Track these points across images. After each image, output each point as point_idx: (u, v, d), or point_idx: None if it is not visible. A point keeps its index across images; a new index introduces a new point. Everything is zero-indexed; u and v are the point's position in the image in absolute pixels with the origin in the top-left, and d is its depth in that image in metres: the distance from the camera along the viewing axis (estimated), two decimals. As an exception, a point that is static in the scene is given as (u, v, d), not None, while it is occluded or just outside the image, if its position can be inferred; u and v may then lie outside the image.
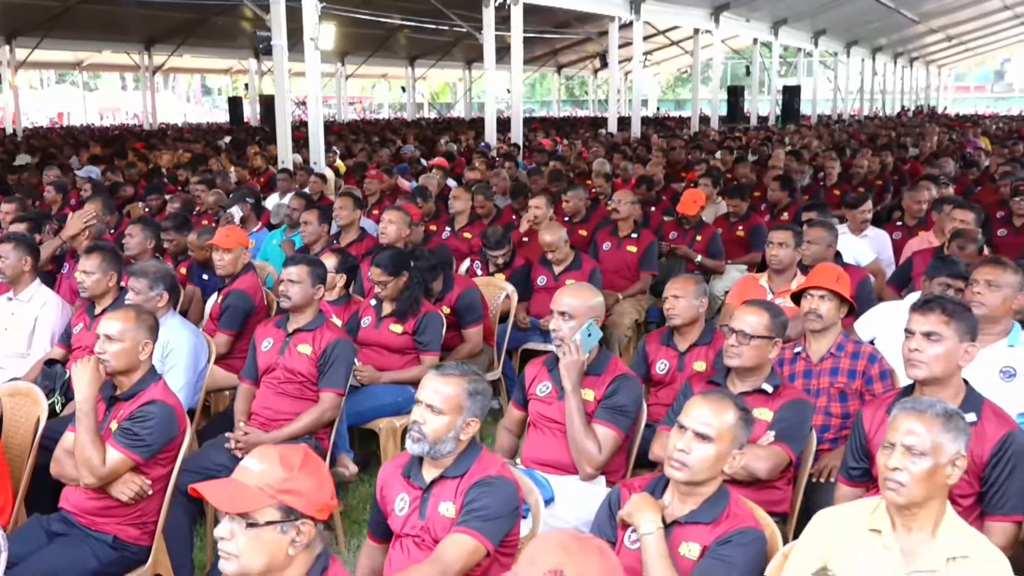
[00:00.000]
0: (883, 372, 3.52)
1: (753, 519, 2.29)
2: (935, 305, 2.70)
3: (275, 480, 1.83)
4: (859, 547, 2.11)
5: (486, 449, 2.55)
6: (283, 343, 3.77)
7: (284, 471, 1.84)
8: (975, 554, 2.03)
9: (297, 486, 1.84)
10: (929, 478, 2.04)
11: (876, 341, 4.07)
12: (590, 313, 3.22)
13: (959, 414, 2.14)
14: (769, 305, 3.15)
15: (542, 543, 1.68)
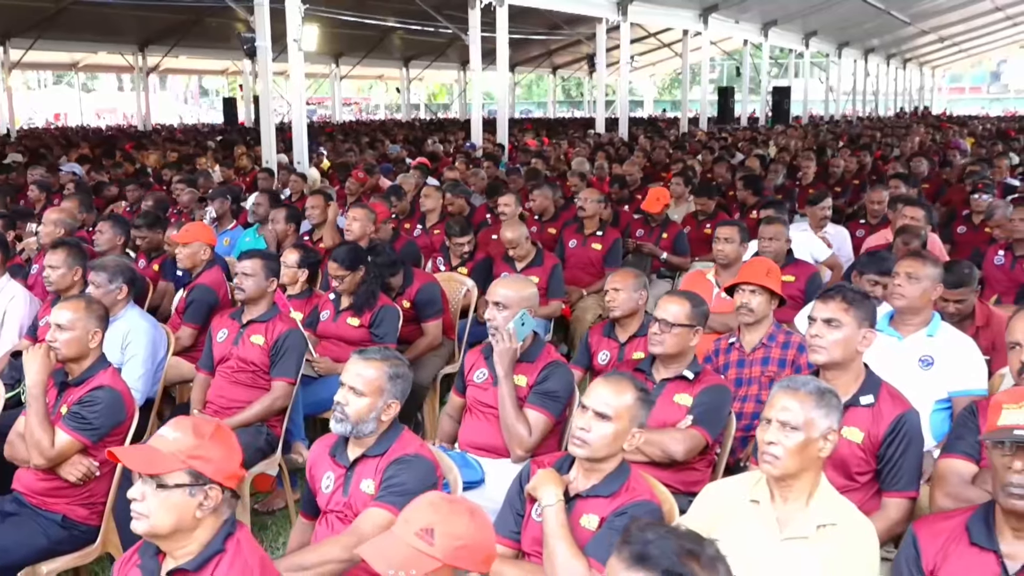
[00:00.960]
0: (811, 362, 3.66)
1: (651, 493, 2.44)
2: (835, 293, 2.85)
3: (186, 446, 1.97)
4: (740, 517, 2.26)
5: (407, 430, 2.70)
6: (237, 334, 3.92)
7: (195, 439, 1.99)
8: (843, 521, 2.18)
9: (206, 453, 1.98)
10: (802, 451, 2.19)
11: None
12: (523, 303, 3.37)
13: (831, 392, 2.29)
14: (691, 295, 3.30)
15: (416, 504, 1.83)
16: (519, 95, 53.20)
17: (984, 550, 2.04)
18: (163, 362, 4.13)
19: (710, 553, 1.47)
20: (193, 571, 1.96)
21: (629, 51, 18.20)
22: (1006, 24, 33.38)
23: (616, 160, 11.08)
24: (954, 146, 15.25)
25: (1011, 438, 1.99)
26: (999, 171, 10.02)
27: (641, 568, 1.43)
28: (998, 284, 5.35)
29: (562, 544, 2.31)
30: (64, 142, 18.05)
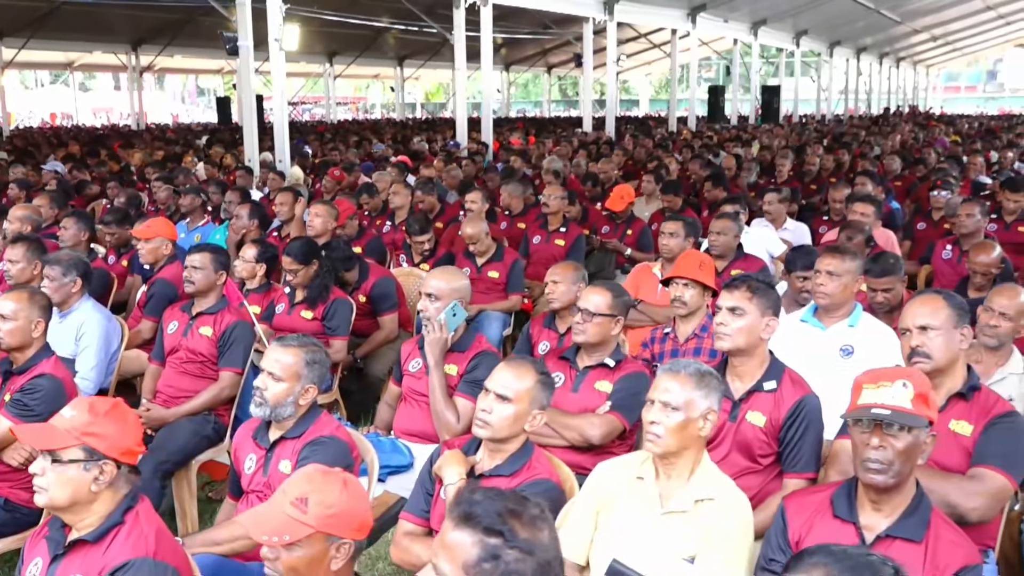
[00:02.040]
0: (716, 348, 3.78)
1: (551, 473, 2.56)
2: (740, 283, 2.97)
3: (80, 424, 2.09)
4: (626, 493, 2.38)
5: (326, 413, 2.82)
6: (187, 325, 4.03)
7: (90, 416, 2.11)
8: (719, 496, 2.30)
9: (100, 430, 2.10)
10: (682, 430, 2.31)
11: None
12: (455, 295, 3.49)
13: (712, 374, 2.41)
14: (613, 286, 3.42)
15: (294, 477, 1.95)
16: (516, 94, 53.47)
17: (845, 522, 2.16)
18: (117, 353, 4.25)
19: (533, 513, 1.58)
20: (93, 542, 2.08)
21: (616, 50, 18.29)
22: (999, 23, 33.43)
23: (598, 158, 11.19)
24: (940, 144, 15.38)
25: (868, 416, 2.11)
26: (972, 168, 10.14)
27: (465, 526, 1.54)
28: (945, 278, 5.46)
29: None
30: (55, 141, 18.17)
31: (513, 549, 1.51)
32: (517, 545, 1.51)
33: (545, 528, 1.57)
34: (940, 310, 2.73)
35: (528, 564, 1.51)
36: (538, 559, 1.52)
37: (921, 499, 2.16)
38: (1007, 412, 2.63)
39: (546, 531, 1.57)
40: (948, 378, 2.72)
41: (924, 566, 2.05)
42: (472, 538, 1.52)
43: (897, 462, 2.10)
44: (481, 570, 1.50)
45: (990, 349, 3.50)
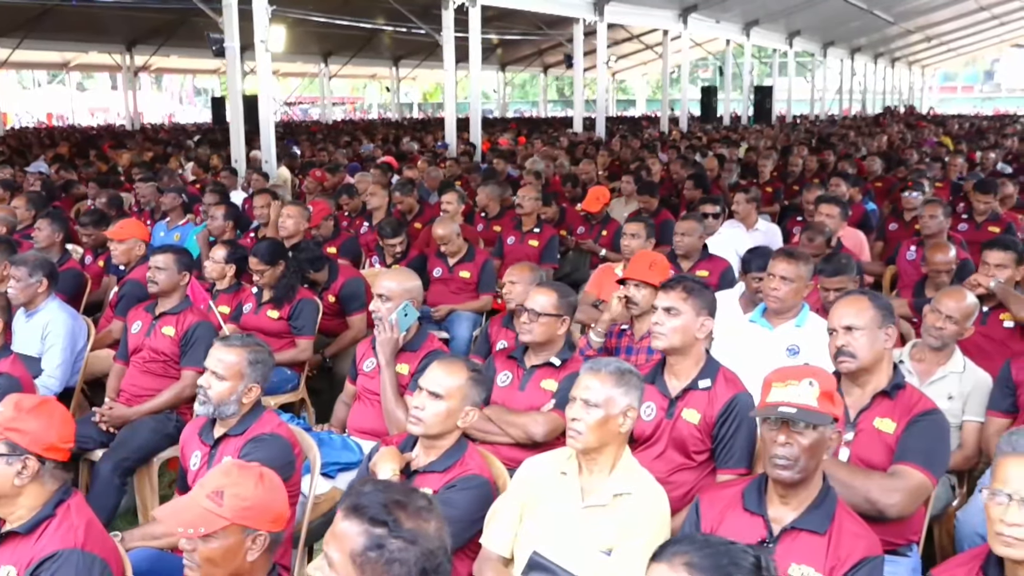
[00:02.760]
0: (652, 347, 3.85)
1: (482, 469, 2.63)
2: (676, 283, 3.04)
3: (3, 419, 2.16)
4: (550, 487, 2.45)
5: (269, 411, 2.90)
6: (150, 325, 4.11)
7: (14, 412, 2.18)
8: (637, 490, 2.38)
9: (22, 426, 2.17)
10: (602, 426, 2.38)
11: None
12: (406, 295, 3.56)
13: (632, 372, 2.48)
14: (559, 286, 3.49)
15: (211, 472, 2.02)
16: (514, 94, 53.53)
17: (754, 515, 2.24)
18: (83, 352, 4.32)
19: (419, 504, 1.65)
20: (24, 534, 2.15)
21: (606, 52, 18.35)
22: (993, 23, 33.47)
23: (581, 160, 11.26)
24: (929, 145, 15.45)
25: (775, 415, 2.19)
26: (953, 169, 10.21)
27: (353, 516, 1.61)
28: (908, 277, 5.54)
29: None
30: (47, 142, 18.25)
31: (397, 539, 1.58)
32: (401, 535, 1.58)
33: (432, 519, 1.64)
34: (865, 311, 2.80)
35: (411, 553, 1.58)
36: (422, 548, 1.59)
37: (827, 493, 2.23)
38: (929, 410, 2.70)
39: (432, 522, 1.64)
40: (873, 376, 2.80)
41: (827, 556, 2.13)
42: (358, 528, 1.59)
43: (803, 458, 2.18)
44: (367, 558, 1.57)
45: (933, 349, 3.58)
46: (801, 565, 2.13)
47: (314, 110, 40.48)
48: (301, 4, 18.31)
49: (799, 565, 2.13)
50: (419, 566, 1.58)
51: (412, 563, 1.57)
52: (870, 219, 7.74)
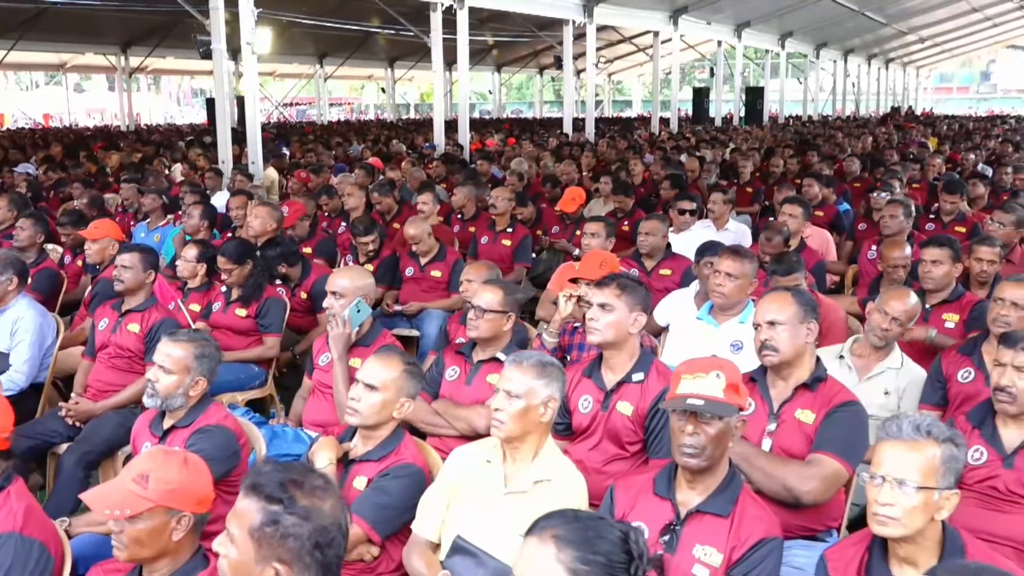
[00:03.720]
0: (642, 347, 3.96)
1: (416, 458, 2.74)
2: (610, 281, 3.15)
3: None
4: (476, 475, 2.56)
5: (216, 404, 3.01)
6: (116, 322, 4.22)
7: None
8: (556, 477, 2.49)
9: None
10: (523, 416, 2.49)
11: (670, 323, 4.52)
12: (358, 292, 3.68)
13: (553, 364, 2.59)
14: (505, 284, 3.61)
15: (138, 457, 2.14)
16: (511, 95, 53.65)
17: (663, 499, 2.35)
18: (52, 348, 4.43)
19: (315, 484, 1.76)
20: (-35, 520, 2.26)
21: (595, 53, 18.46)
22: (987, 25, 33.57)
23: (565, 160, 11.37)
24: (916, 146, 15.56)
25: (683, 406, 2.30)
26: (931, 170, 10.33)
27: (251, 494, 1.73)
28: (868, 276, 5.64)
29: None
30: (40, 143, 18.35)
31: (292, 515, 1.69)
32: (295, 512, 1.70)
33: (328, 498, 1.75)
34: (788, 307, 2.91)
35: (305, 528, 1.69)
36: (315, 524, 1.70)
37: (732, 478, 2.34)
38: (847, 401, 2.81)
39: (328, 501, 1.75)
40: (796, 369, 2.91)
41: (728, 537, 2.24)
42: (256, 505, 1.71)
43: (709, 447, 2.29)
44: (263, 533, 1.69)
45: (875, 347, 3.69)
46: (704, 545, 2.24)
47: (312, 111, 40.62)
48: (293, 6, 18.49)
49: (703, 545, 2.25)
50: (312, 540, 1.69)
51: (306, 537, 1.69)
52: (842, 219, 7.86)
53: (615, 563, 1.58)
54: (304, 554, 1.69)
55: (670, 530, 2.29)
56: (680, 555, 2.26)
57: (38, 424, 4.08)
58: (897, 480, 1.98)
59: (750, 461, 2.75)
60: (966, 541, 2.08)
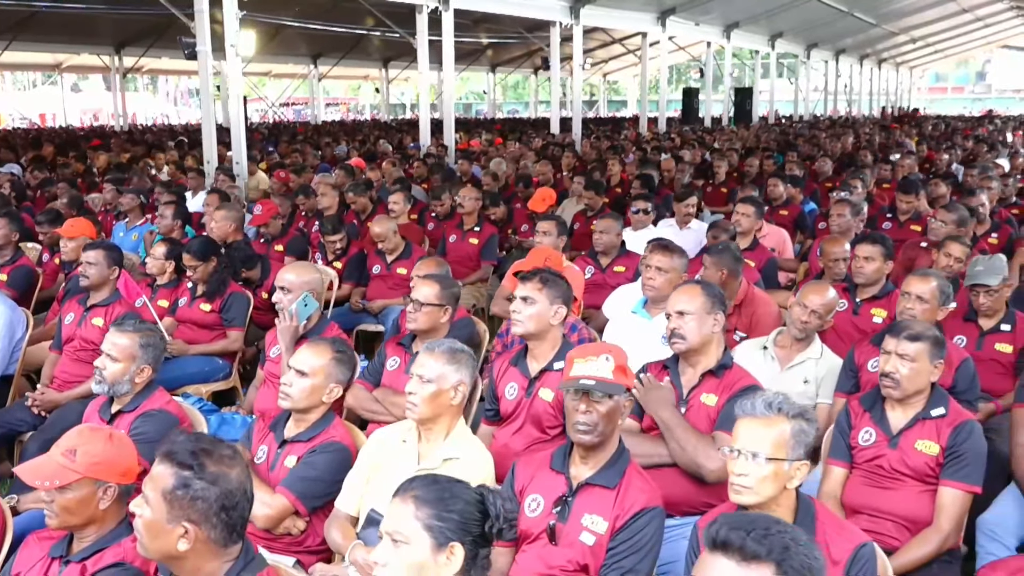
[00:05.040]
0: (581, 340, 4.15)
1: (343, 437, 2.95)
2: (533, 275, 3.35)
3: None
4: (393, 453, 2.77)
5: (161, 390, 3.21)
6: (81, 316, 4.43)
7: None
8: (465, 455, 2.70)
9: None
10: (434, 399, 2.70)
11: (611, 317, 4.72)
12: (305, 287, 3.88)
13: (464, 351, 2.80)
14: (442, 279, 3.81)
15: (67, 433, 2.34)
16: (509, 95, 53.86)
17: (558, 473, 2.55)
18: (21, 341, 4.63)
19: (224, 453, 1.96)
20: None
21: (582, 55, 18.65)
22: (978, 25, 33.75)
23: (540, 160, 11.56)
24: (902, 145, 15.77)
25: (576, 386, 2.50)
26: (901, 170, 10.52)
27: (165, 460, 1.94)
28: (816, 273, 5.84)
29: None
30: (34, 143, 18.55)
31: (201, 480, 1.90)
32: (204, 477, 1.91)
33: (235, 467, 1.96)
34: (696, 298, 3.11)
35: (212, 492, 1.90)
36: (222, 489, 1.91)
37: (621, 454, 2.55)
38: (748, 386, 3.01)
39: (235, 469, 1.96)
40: (703, 357, 3.11)
41: (613, 507, 2.45)
42: (169, 470, 1.92)
43: (601, 423, 2.49)
44: (175, 496, 1.90)
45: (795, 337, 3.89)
46: (592, 514, 2.45)
47: (308, 111, 40.82)
48: (284, 8, 18.70)
49: (590, 515, 2.45)
50: (219, 503, 1.90)
51: (213, 500, 1.90)
52: (806, 219, 8.05)
53: (469, 520, 1.79)
54: (211, 515, 1.90)
55: (562, 501, 2.49)
56: (571, 523, 2.46)
57: (6, 413, 4.29)
58: (751, 453, 2.19)
59: (671, 431, 2.96)
60: (818, 508, 2.27)
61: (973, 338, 4.17)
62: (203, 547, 1.90)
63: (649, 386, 3.08)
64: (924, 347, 2.91)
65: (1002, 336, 4.11)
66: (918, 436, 2.90)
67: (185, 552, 1.89)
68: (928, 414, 2.92)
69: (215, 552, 1.91)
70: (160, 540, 1.89)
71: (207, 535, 1.89)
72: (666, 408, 3.00)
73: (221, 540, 1.91)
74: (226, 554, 1.93)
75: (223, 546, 1.92)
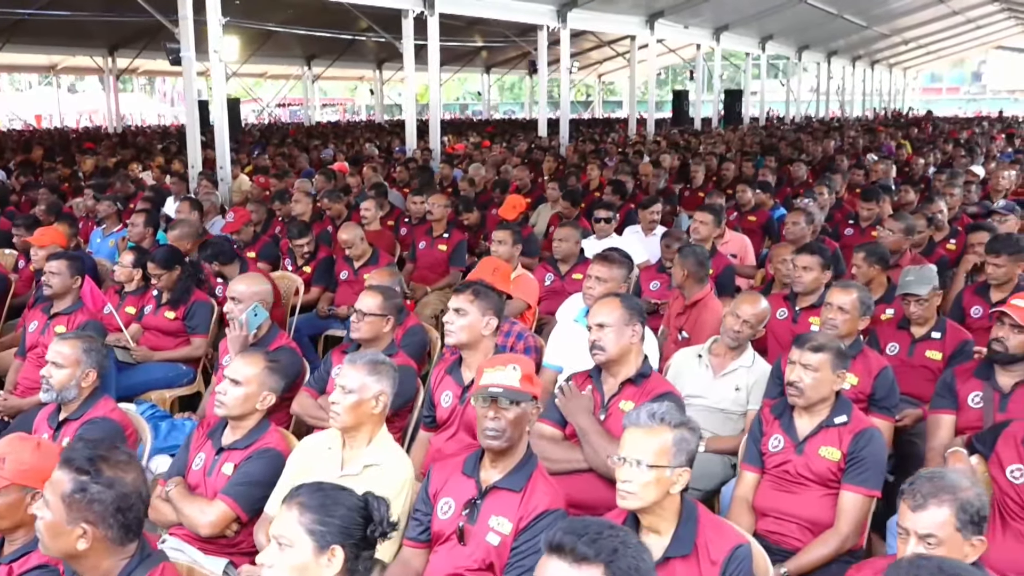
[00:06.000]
0: (527, 348, 4.30)
1: (279, 443, 3.09)
2: (465, 287, 3.50)
3: None
4: (319, 459, 2.91)
5: (107, 398, 3.36)
6: (44, 324, 4.57)
7: None
8: (385, 462, 2.84)
9: None
10: (356, 408, 2.85)
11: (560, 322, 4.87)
12: (255, 297, 4.03)
13: (385, 363, 2.94)
14: (385, 289, 3.94)
15: (0, 441, 2.49)
16: (505, 96, 54.02)
17: (469, 477, 2.70)
18: (-12, 348, 4.78)
19: (119, 459, 2.11)
20: None
21: (569, 58, 18.79)
22: (970, 27, 33.90)
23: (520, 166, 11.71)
24: (886, 150, 15.92)
25: (484, 394, 2.64)
26: (874, 173, 10.67)
27: (64, 466, 2.09)
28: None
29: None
30: (26, 145, 18.70)
31: (97, 484, 2.05)
32: (100, 481, 2.05)
33: (130, 472, 2.11)
34: (614, 311, 3.25)
35: (108, 495, 2.05)
36: (117, 492, 2.07)
37: (528, 459, 2.70)
38: (664, 392, 3.16)
39: (131, 474, 2.10)
40: (623, 367, 3.25)
41: (518, 509, 2.59)
42: (68, 475, 2.07)
43: (508, 429, 2.63)
44: (72, 499, 2.04)
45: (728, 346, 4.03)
46: (498, 516, 2.60)
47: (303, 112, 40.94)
48: (277, 11, 18.82)
49: (497, 516, 2.60)
50: (115, 505, 2.05)
51: (109, 503, 2.05)
52: (774, 225, 8.19)
53: (351, 525, 1.94)
54: (108, 516, 2.05)
55: (472, 504, 2.63)
56: (479, 525, 2.61)
57: (-28, 418, 4.42)
58: (635, 460, 2.33)
59: (587, 436, 3.11)
60: (700, 510, 2.42)
61: (905, 345, 4.30)
62: (101, 546, 2.06)
63: (569, 395, 3.23)
64: (826, 358, 3.06)
65: (932, 344, 4.25)
66: (822, 443, 3.04)
67: (84, 551, 2.05)
68: (832, 421, 3.06)
69: (112, 550, 2.07)
70: (60, 540, 2.05)
71: (104, 535, 2.05)
72: (583, 416, 3.14)
73: (118, 539, 2.06)
74: (123, 552, 2.09)
75: (120, 545, 2.08)
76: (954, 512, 2.16)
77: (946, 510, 2.16)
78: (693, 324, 4.64)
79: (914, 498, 2.19)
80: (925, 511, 2.17)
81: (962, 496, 2.17)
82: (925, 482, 2.21)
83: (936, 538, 2.15)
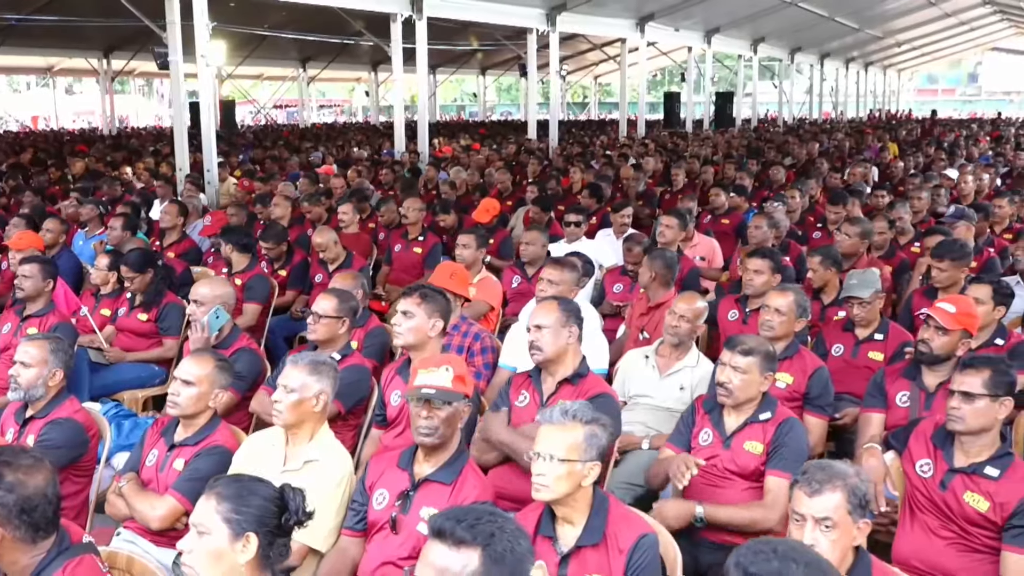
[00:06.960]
0: (484, 348, 4.45)
1: (228, 440, 3.24)
2: (413, 291, 3.65)
3: None
4: (263, 455, 3.06)
5: (72, 399, 3.50)
6: (17, 326, 4.72)
7: None
8: (324, 458, 2.99)
9: None
10: (297, 407, 2.99)
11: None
12: (217, 300, 4.17)
13: (327, 363, 3.09)
14: (340, 292, 4.09)
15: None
16: (502, 97, 54.16)
17: (403, 470, 2.85)
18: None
19: (25, 463, 2.25)
20: None
21: (559, 61, 18.93)
22: (963, 29, 34.04)
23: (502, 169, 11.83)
24: (873, 152, 16.07)
25: (418, 395, 2.79)
26: (853, 177, 10.82)
27: None
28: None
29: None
30: (17, 147, 18.86)
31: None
32: (1, 486, 2.19)
33: (36, 474, 2.25)
34: (552, 312, 3.40)
35: (10, 499, 2.20)
36: (19, 495, 2.21)
37: (460, 454, 2.85)
38: (600, 393, 3.30)
39: (36, 477, 2.24)
40: (560, 366, 3.41)
41: (448, 499, 2.75)
42: None
43: (441, 427, 2.78)
44: None
45: (672, 346, 4.18)
46: (429, 507, 2.74)
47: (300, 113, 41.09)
48: (268, 14, 18.99)
49: (428, 507, 2.74)
50: (18, 507, 2.20)
51: (12, 505, 2.19)
52: (746, 228, 8.32)
53: (265, 514, 2.09)
54: (12, 517, 2.20)
55: (404, 495, 2.78)
56: (410, 515, 2.76)
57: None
58: (548, 455, 2.48)
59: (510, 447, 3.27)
60: (611, 501, 2.57)
61: (849, 346, 4.45)
62: (11, 544, 2.20)
63: (489, 419, 3.44)
64: (755, 361, 3.20)
65: (875, 344, 4.39)
66: (747, 438, 3.19)
67: None
68: (757, 418, 3.21)
69: (24, 548, 2.22)
70: None
71: (12, 535, 2.20)
72: (501, 432, 3.35)
73: (28, 538, 2.22)
74: (36, 549, 2.24)
75: (31, 543, 2.23)
76: (846, 496, 2.30)
77: (839, 495, 2.31)
78: (655, 326, 4.77)
79: (810, 485, 2.33)
80: (821, 496, 2.31)
81: (851, 482, 2.32)
82: (818, 471, 2.35)
83: (831, 520, 2.30)
